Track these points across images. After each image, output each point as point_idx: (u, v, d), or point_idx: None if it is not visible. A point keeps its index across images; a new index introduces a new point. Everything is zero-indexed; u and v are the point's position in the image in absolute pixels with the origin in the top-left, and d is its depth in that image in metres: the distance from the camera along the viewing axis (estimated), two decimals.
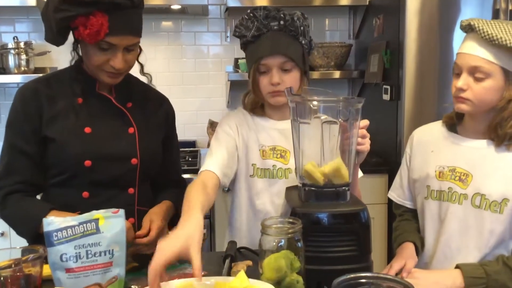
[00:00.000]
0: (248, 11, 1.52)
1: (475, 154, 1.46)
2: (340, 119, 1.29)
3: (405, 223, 1.64)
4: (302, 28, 1.49)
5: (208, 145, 3.11)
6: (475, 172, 1.44)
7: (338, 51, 3.04)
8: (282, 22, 1.47)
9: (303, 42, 1.51)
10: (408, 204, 1.65)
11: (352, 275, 1.18)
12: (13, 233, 2.51)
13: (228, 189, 2.54)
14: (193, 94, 3.24)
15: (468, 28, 1.42)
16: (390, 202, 2.69)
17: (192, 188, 1.36)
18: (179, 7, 2.88)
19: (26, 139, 1.46)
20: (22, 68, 2.89)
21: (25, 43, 2.90)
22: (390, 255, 2.66)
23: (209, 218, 2.60)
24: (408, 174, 1.63)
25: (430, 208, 1.52)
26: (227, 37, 3.21)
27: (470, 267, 1.38)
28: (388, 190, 2.75)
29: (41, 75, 2.85)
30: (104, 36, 1.35)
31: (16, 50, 2.87)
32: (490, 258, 1.43)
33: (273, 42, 1.48)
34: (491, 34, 1.34)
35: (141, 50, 1.53)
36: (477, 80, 1.38)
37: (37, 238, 1.40)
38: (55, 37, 1.42)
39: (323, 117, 1.29)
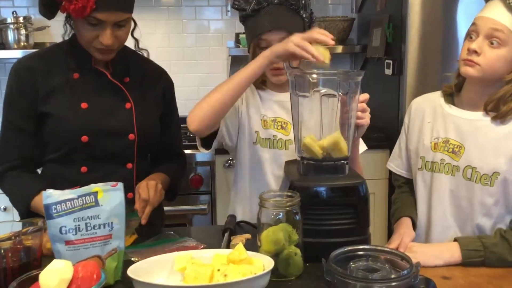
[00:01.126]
0: None
1: (469, 126, 1.45)
2: (339, 93, 1.28)
3: (403, 197, 1.64)
4: (303, 1, 1.47)
5: None
6: (468, 145, 1.44)
7: (340, 25, 3.01)
8: None
9: (304, 16, 1.49)
10: (405, 174, 1.65)
11: (349, 248, 1.19)
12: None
13: (228, 165, 2.56)
14: (194, 69, 3.21)
15: None
16: (391, 177, 2.71)
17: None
18: None
19: (22, 116, 1.46)
20: (22, 43, 2.87)
21: (24, 18, 2.88)
22: (390, 230, 2.68)
23: (210, 193, 2.61)
24: (406, 143, 1.62)
25: (423, 178, 1.53)
26: (228, 11, 3.17)
27: (467, 240, 1.38)
28: None
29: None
30: (90, 12, 1.32)
31: (16, 25, 2.84)
32: (483, 230, 1.45)
33: (274, 16, 1.46)
34: None
35: (136, 25, 1.51)
36: (492, 46, 1.37)
37: (30, 215, 1.42)
38: (46, 12, 1.41)
39: (323, 90, 1.28)
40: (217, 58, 3.24)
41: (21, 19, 2.86)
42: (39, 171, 1.57)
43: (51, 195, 1.10)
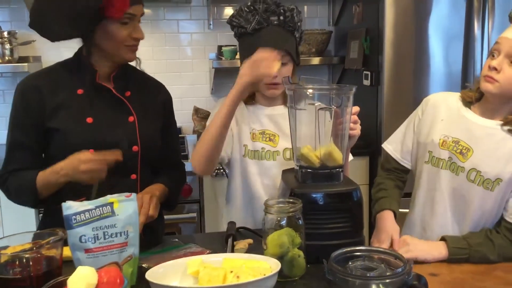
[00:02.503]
0: (248, 3, 1.59)
1: (481, 132, 1.53)
2: (333, 106, 1.38)
3: (389, 186, 1.70)
4: (299, 23, 1.58)
5: (194, 132, 3.20)
6: (477, 149, 1.52)
7: (319, 37, 3.14)
8: (282, 18, 1.54)
9: (296, 35, 1.59)
10: (403, 161, 1.71)
11: (348, 249, 1.29)
12: (5, 221, 2.55)
13: (216, 174, 2.64)
14: (177, 81, 3.29)
15: None
16: (371, 182, 2.83)
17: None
18: None
19: (26, 132, 1.53)
20: (6, 58, 2.90)
21: (9, 33, 2.90)
22: (371, 223, 2.79)
23: (199, 202, 2.68)
24: (413, 135, 1.69)
25: (427, 172, 1.61)
26: (210, 24, 3.27)
27: (454, 238, 1.50)
28: (369, 171, 2.89)
29: (25, 64, 2.89)
30: (128, 6, 1.45)
31: (0, 39, 2.87)
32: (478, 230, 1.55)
33: (274, 36, 1.55)
34: None
35: None
36: None
37: (38, 201, 1.51)
38: (67, 29, 1.45)
39: (318, 103, 1.39)
40: (199, 70, 3.33)
41: (5, 34, 2.88)
42: None
43: (70, 207, 1.16)
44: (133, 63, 1.68)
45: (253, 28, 1.57)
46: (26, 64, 2.88)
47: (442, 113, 1.62)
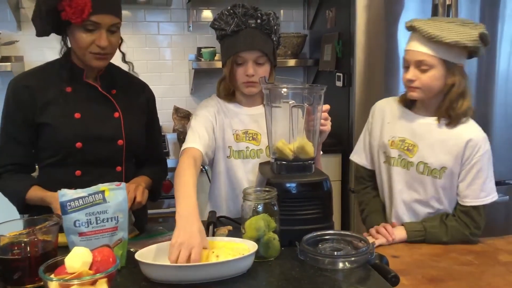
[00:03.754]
0: (228, 7, 1.70)
1: (422, 129, 1.73)
2: (305, 104, 1.52)
3: (370, 201, 1.90)
4: (275, 27, 1.70)
5: (174, 130, 3.30)
6: (421, 144, 1.71)
7: (295, 40, 3.28)
8: (259, 21, 1.66)
9: (274, 39, 1.72)
10: (366, 165, 1.90)
11: (318, 233, 1.43)
12: None
13: (203, 170, 2.74)
14: (157, 81, 3.39)
15: (412, 28, 1.69)
16: (343, 179, 2.98)
17: (186, 167, 1.53)
18: None
19: (19, 128, 1.63)
20: None
21: None
22: (344, 223, 2.95)
23: None
24: (369, 139, 1.88)
25: (384, 171, 1.80)
26: (189, 27, 3.37)
27: (412, 223, 1.68)
28: (342, 168, 3.04)
29: (8, 64, 2.95)
30: (88, 14, 1.50)
31: None
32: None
33: (251, 38, 1.67)
34: (431, 33, 1.61)
35: (122, 40, 1.69)
36: (423, 71, 1.65)
37: (25, 209, 1.62)
38: (44, 25, 1.55)
39: (291, 101, 1.52)
40: (179, 70, 3.44)
41: None
42: (34, 175, 1.72)
43: (65, 194, 1.27)
44: (125, 67, 1.79)
45: (232, 30, 1.67)
46: (9, 63, 2.94)
47: (388, 116, 1.82)
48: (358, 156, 1.93)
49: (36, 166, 1.72)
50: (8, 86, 1.64)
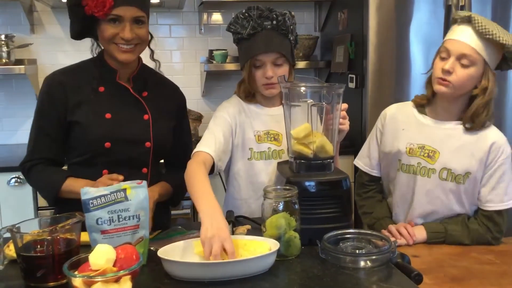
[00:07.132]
0: (243, 10, 1.70)
1: (443, 133, 1.67)
2: (324, 102, 1.52)
3: (375, 205, 1.86)
4: (291, 26, 1.70)
5: None
6: (442, 149, 1.67)
7: (306, 43, 3.28)
8: (275, 22, 1.66)
9: (291, 38, 1.71)
10: (373, 172, 1.87)
11: (339, 232, 1.43)
12: (3, 212, 2.60)
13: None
14: None
15: (466, 19, 1.59)
16: (354, 176, 2.96)
17: (196, 166, 1.54)
18: (158, 0, 3.03)
19: (51, 123, 1.63)
20: (3, 60, 2.98)
21: (6, 36, 2.99)
22: (357, 223, 2.93)
23: None
24: (378, 147, 1.84)
25: (401, 179, 1.75)
26: (201, 29, 3.39)
27: (432, 224, 1.67)
28: (354, 169, 3.02)
29: (22, 66, 2.98)
30: (110, 7, 1.51)
31: None
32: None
33: (267, 40, 1.66)
34: (487, 29, 1.53)
35: (152, 37, 1.71)
36: (463, 66, 1.57)
37: (57, 201, 1.62)
38: (73, 27, 1.60)
39: (310, 100, 1.52)
40: (191, 73, 3.45)
41: (3, 37, 2.97)
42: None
43: (88, 192, 1.27)
44: (152, 66, 1.80)
45: (248, 33, 1.67)
46: (22, 66, 2.96)
47: (401, 123, 1.76)
48: (362, 162, 1.90)
49: None
50: (43, 82, 1.66)
